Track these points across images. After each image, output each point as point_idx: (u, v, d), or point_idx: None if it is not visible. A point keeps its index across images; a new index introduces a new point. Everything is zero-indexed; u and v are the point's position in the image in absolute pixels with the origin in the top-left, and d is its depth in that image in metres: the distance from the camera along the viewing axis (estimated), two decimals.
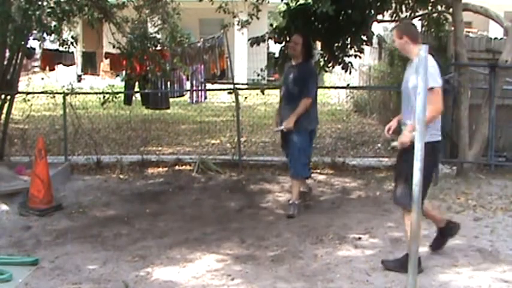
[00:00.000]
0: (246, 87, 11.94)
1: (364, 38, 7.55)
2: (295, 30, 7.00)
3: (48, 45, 11.13)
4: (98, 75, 16.22)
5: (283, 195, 6.98)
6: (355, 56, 7.84)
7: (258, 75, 10.18)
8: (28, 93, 9.05)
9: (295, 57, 6.35)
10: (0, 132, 8.31)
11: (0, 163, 7.84)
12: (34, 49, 12.23)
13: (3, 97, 8.16)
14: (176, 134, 11.06)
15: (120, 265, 4.88)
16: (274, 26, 8.21)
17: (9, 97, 8.23)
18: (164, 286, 4.47)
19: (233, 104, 8.92)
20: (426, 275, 4.51)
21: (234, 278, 4.58)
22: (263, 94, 9.18)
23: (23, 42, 7.76)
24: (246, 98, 9.38)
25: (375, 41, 9.52)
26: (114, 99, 8.70)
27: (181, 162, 8.49)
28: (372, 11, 7.30)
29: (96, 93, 9.45)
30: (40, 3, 6.77)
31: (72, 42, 7.83)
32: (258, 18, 8.24)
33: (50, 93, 9.10)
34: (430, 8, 8.42)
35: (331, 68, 8.35)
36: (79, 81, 19.04)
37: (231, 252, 5.17)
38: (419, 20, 9.04)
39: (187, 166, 8.33)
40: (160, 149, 9.63)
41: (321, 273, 4.64)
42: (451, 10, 7.92)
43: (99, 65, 15.97)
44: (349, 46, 7.64)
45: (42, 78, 14.92)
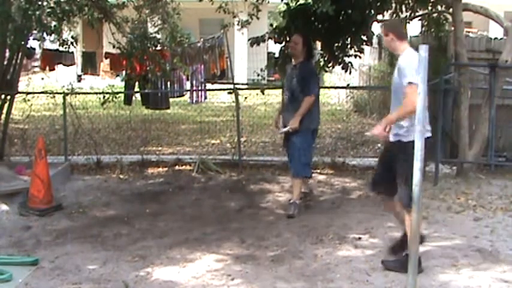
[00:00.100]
0: (246, 87, 11.96)
1: (364, 38, 7.54)
2: (295, 30, 7.00)
3: (48, 45, 11.14)
4: (98, 75, 16.23)
5: (283, 195, 6.98)
6: (355, 56, 7.83)
7: (258, 75, 10.16)
8: (28, 93, 9.05)
9: (295, 57, 6.37)
10: (0, 132, 8.31)
11: (0, 163, 7.84)
12: (34, 49, 12.23)
13: (3, 97, 8.17)
14: (176, 134, 11.06)
15: (120, 265, 4.87)
16: (274, 26, 8.20)
17: (9, 97, 8.23)
18: (164, 286, 4.47)
19: (233, 104, 8.92)
20: (426, 275, 4.51)
21: (234, 278, 4.58)
22: (263, 94, 9.19)
23: (23, 42, 7.77)
24: (246, 98, 9.39)
25: (374, 41, 9.50)
26: (114, 99, 8.71)
27: (181, 162, 8.50)
28: (372, 11, 7.29)
29: (96, 93, 9.45)
30: (40, 3, 6.77)
31: (72, 42, 7.84)
32: (258, 18, 8.23)
33: (50, 93, 9.11)
34: (430, 8, 8.42)
35: (331, 68, 8.34)
36: (79, 81, 19.04)
37: (231, 252, 5.17)
38: (419, 20, 9.04)
39: (187, 166, 8.33)
40: (160, 149, 9.63)
41: (321, 273, 4.64)
42: (451, 10, 7.92)
43: (99, 65, 15.97)
44: (349, 46, 7.63)
45: (42, 78, 14.92)
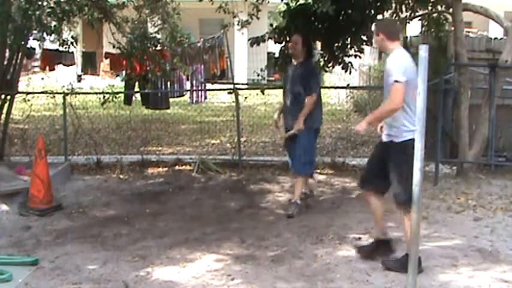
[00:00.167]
0: (246, 87, 11.94)
1: (364, 38, 7.54)
2: (295, 30, 7.00)
3: (48, 45, 11.13)
4: (98, 75, 16.24)
5: (283, 195, 6.98)
6: (355, 56, 7.83)
7: (258, 75, 10.16)
8: (28, 93, 9.05)
9: (296, 57, 6.37)
10: (0, 132, 8.31)
11: (0, 163, 7.84)
12: (34, 49, 12.22)
13: (3, 97, 8.17)
14: (176, 134, 11.07)
15: (120, 265, 4.87)
16: (274, 26, 8.19)
17: (9, 97, 8.23)
18: (164, 286, 4.47)
19: (233, 104, 8.92)
20: (426, 275, 4.51)
21: (234, 278, 4.58)
22: (263, 94, 9.19)
23: (23, 42, 7.76)
24: (246, 98, 9.38)
25: (374, 41, 9.50)
26: (114, 99, 8.71)
27: (181, 162, 8.50)
28: (372, 11, 7.28)
29: (96, 93, 9.46)
30: (40, 3, 6.77)
31: (72, 42, 7.84)
32: (258, 18, 8.23)
33: (50, 93, 9.11)
34: (430, 8, 8.42)
35: (331, 68, 8.33)
36: (79, 81, 19.05)
37: (231, 252, 5.17)
38: (419, 20, 9.04)
39: (187, 166, 8.33)
40: (160, 149, 9.63)
41: (321, 273, 4.64)
42: (451, 10, 7.92)
43: (99, 65, 15.98)
44: (349, 46, 7.63)
45: (42, 78, 14.93)
